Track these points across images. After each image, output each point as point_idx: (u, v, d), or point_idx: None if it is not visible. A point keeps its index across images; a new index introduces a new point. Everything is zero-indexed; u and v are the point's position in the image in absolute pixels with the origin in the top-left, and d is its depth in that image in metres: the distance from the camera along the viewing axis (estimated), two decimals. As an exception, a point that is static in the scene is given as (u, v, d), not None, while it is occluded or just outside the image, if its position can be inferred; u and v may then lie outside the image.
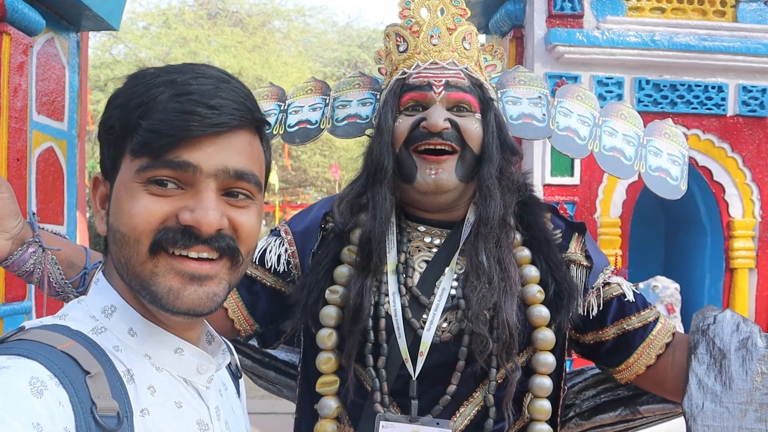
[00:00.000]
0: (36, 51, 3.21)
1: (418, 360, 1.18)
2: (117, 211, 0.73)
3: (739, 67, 3.10)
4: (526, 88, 1.45)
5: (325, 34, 16.81)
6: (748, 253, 3.13)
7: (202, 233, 0.71)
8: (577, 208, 3.05)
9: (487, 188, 1.23)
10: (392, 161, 1.24)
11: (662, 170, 1.45)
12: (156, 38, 14.38)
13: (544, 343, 1.23)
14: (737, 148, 3.14)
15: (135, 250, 0.71)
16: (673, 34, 3.05)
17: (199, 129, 0.70)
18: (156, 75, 0.74)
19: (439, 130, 1.20)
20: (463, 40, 1.29)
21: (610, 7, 3.08)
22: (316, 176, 15.96)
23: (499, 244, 1.22)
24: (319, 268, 1.26)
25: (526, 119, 1.43)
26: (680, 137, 1.51)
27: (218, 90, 0.72)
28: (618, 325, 1.29)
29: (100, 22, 3.58)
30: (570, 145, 1.44)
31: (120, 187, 0.73)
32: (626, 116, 1.48)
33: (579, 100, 1.47)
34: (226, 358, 0.85)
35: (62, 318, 0.73)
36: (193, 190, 0.72)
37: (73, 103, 3.59)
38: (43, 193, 3.31)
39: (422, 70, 1.25)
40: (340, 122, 1.46)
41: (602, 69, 3.05)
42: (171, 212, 0.71)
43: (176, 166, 0.70)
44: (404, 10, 1.32)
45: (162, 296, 0.71)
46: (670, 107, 3.10)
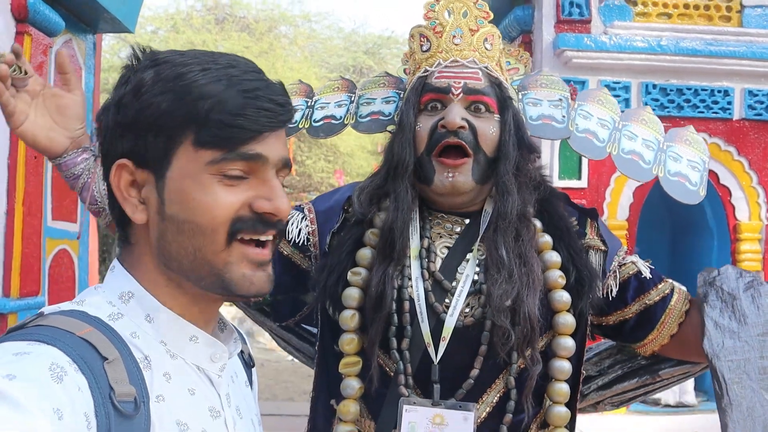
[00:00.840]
0: (54, 51, 3.27)
1: (440, 345, 1.20)
2: (185, 202, 0.74)
3: (745, 72, 3.14)
4: (547, 90, 1.48)
5: (331, 39, 16.89)
6: (754, 256, 3.16)
7: (280, 219, 0.77)
8: (584, 210, 3.09)
9: (504, 184, 1.26)
10: (413, 159, 1.28)
11: (681, 175, 1.46)
12: (164, 42, 14.48)
13: (564, 328, 1.26)
14: (743, 151, 3.18)
15: (210, 239, 0.74)
16: (679, 39, 3.09)
17: (273, 125, 0.76)
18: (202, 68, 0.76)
19: (455, 127, 1.24)
20: (485, 41, 1.33)
21: (617, 12, 3.13)
22: (321, 182, 15.99)
23: (519, 237, 1.25)
24: (341, 249, 1.29)
25: (545, 120, 1.45)
26: (701, 144, 1.53)
27: (275, 87, 0.78)
28: (639, 301, 1.33)
29: (117, 25, 3.64)
30: (588, 147, 1.46)
31: (183, 178, 0.74)
32: (647, 121, 1.50)
33: (600, 104, 1.50)
34: (237, 346, 0.86)
35: (80, 304, 0.74)
36: (258, 180, 0.76)
37: (88, 103, 3.65)
38: (58, 191, 3.36)
39: (443, 68, 1.30)
40: (364, 118, 1.50)
41: (610, 73, 3.09)
42: (245, 201, 0.75)
43: (249, 158, 0.74)
44: (429, 12, 1.36)
45: (236, 283, 0.76)
46: (676, 111, 3.14)
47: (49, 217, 3.28)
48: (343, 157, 15.01)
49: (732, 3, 3.22)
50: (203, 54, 0.79)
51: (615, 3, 3.14)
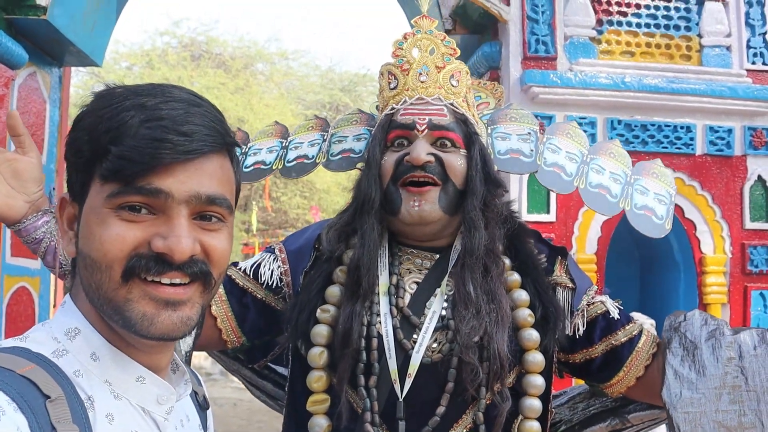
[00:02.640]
0: (17, 84, 3.22)
1: (406, 381, 1.19)
2: (87, 236, 0.72)
3: (706, 108, 3.22)
4: (516, 124, 1.49)
5: (308, 77, 17.07)
6: (720, 289, 3.19)
7: (175, 260, 0.71)
8: (553, 243, 3.10)
9: (471, 220, 1.26)
10: (380, 193, 1.28)
11: (648, 209, 1.47)
12: (139, 78, 14.48)
13: (534, 366, 1.25)
14: (706, 186, 3.24)
15: (107, 276, 0.71)
16: (642, 77, 3.17)
17: (171, 156, 0.70)
18: (125, 97, 0.73)
19: (421, 163, 1.25)
20: (451, 78, 1.34)
21: (582, 50, 3.20)
22: (297, 218, 15.95)
23: (487, 274, 1.24)
24: (311, 287, 1.28)
25: (513, 154, 1.46)
26: (668, 177, 1.54)
27: (189, 115, 0.72)
28: (606, 341, 1.33)
29: (84, 58, 3.62)
30: (556, 181, 1.47)
31: (89, 211, 0.73)
32: (615, 155, 1.51)
33: (569, 137, 1.51)
34: (187, 388, 0.84)
35: (23, 340, 0.72)
36: (165, 216, 0.72)
37: (53, 137, 3.59)
38: (18, 226, 3.28)
39: (409, 106, 1.31)
40: (335, 156, 1.51)
41: (576, 109, 3.14)
42: (143, 239, 0.71)
43: (148, 193, 0.70)
44: (397, 50, 1.38)
45: (136, 322, 0.71)
46: (641, 146, 3.20)
47: (8, 253, 3.18)
48: (319, 194, 15.02)
49: (691, 42, 3.32)
50: (155, 86, 0.76)
51: (580, 41, 3.21)
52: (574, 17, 3.19)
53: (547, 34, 3.14)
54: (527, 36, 3.12)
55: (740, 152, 3.29)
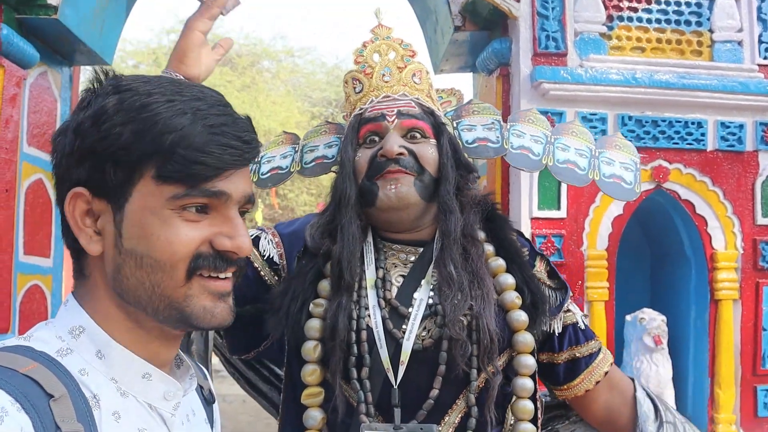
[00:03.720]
0: (29, 83, 3.24)
1: (400, 368, 1.22)
2: (144, 237, 0.73)
3: (717, 104, 3.19)
4: (479, 116, 1.56)
5: (314, 74, 17.06)
6: (731, 285, 3.17)
7: (240, 258, 0.77)
8: (564, 241, 3.09)
9: (446, 204, 1.31)
10: (355, 188, 1.32)
11: (616, 176, 1.57)
12: (146, 77, 14.49)
13: (524, 346, 1.29)
14: (718, 181, 3.22)
15: (170, 275, 0.73)
16: (653, 72, 3.15)
17: (240, 163, 0.76)
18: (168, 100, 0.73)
19: (394, 155, 1.29)
20: (413, 76, 1.40)
21: (592, 46, 3.18)
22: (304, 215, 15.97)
23: (467, 255, 1.28)
24: (305, 279, 1.31)
25: (481, 142, 1.53)
26: (630, 147, 1.64)
27: (242, 123, 0.78)
28: (570, 351, 1.40)
29: (94, 57, 3.63)
30: (525, 161, 1.56)
31: (144, 211, 0.73)
32: (577, 133, 1.61)
33: (530, 122, 1.59)
34: (193, 383, 0.85)
35: (27, 339, 0.72)
36: (221, 216, 0.75)
37: (63, 135, 3.61)
38: (31, 224, 3.29)
39: (376, 104, 1.35)
40: (309, 164, 1.57)
41: (586, 105, 3.13)
42: (205, 238, 0.74)
43: (212, 195, 0.74)
44: (358, 57, 1.44)
45: (198, 316, 0.75)
46: (652, 142, 3.18)
47: (21, 251, 3.20)
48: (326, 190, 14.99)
49: (702, 38, 3.30)
50: (169, 83, 0.77)
51: (590, 37, 3.19)
52: (585, 13, 3.18)
53: (557, 30, 3.12)
54: (537, 32, 3.11)
55: (752, 148, 3.26)
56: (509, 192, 3.16)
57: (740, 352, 3.18)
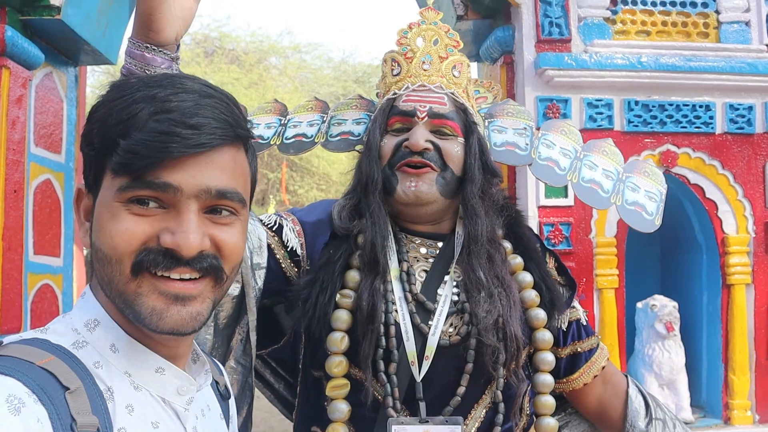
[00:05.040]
0: (35, 84, 3.27)
1: (424, 363, 1.22)
2: (99, 230, 0.72)
3: (725, 86, 3.15)
4: (513, 119, 1.54)
5: (321, 70, 17.07)
6: (743, 269, 3.13)
7: (183, 256, 0.70)
8: (572, 229, 3.07)
9: (472, 207, 1.30)
10: (380, 174, 1.31)
11: (638, 204, 1.54)
12: (154, 77, 14.57)
13: (544, 343, 1.31)
14: (727, 165, 3.17)
15: (117, 269, 0.71)
16: (659, 56, 3.11)
17: (179, 150, 0.69)
18: (136, 88, 0.72)
19: (419, 149, 1.28)
20: (453, 68, 1.38)
21: (596, 31, 3.15)
22: (315, 206, 16.00)
23: (492, 260, 1.28)
24: (333, 269, 1.28)
25: (509, 147, 1.52)
26: (659, 176, 1.60)
27: (199, 107, 0.71)
28: (573, 346, 1.43)
29: (98, 57, 3.65)
30: (550, 174, 1.53)
31: (101, 205, 0.72)
32: (608, 152, 1.58)
33: (563, 134, 1.57)
34: (208, 378, 0.84)
35: (43, 332, 0.72)
36: (175, 211, 0.71)
37: (70, 135, 3.63)
38: (40, 225, 3.32)
39: (411, 92, 1.34)
40: (334, 137, 1.54)
41: (591, 91, 3.10)
42: (152, 233, 0.70)
43: (156, 187, 0.70)
44: (401, 38, 1.41)
45: (146, 316, 0.71)
46: (659, 127, 3.14)
47: (31, 251, 3.23)
48: (335, 185, 15.05)
49: (709, 19, 3.25)
50: (165, 79, 0.74)
51: (594, 22, 3.16)
52: (588, -3, 3.14)
53: (561, 16, 3.09)
54: (540, 19, 3.08)
55: (762, 129, 3.21)
56: (516, 180, 3.14)
57: (754, 337, 3.14)
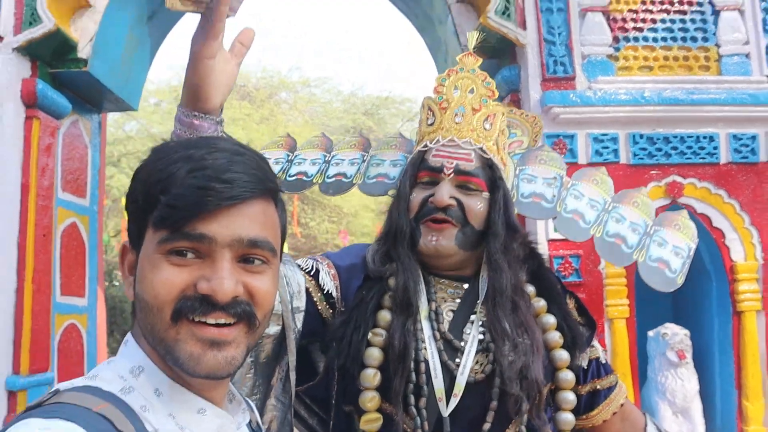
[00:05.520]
0: (62, 132, 3.41)
1: (452, 400, 1.27)
2: (142, 280, 0.77)
3: (728, 117, 3.23)
4: (544, 167, 1.54)
5: (331, 103, 17.28)
6: (753, 296, 3.18)
7: (218, 301, 0.75)
8: (581, 261, 3.14)
9: (496, 261, 1.34)
10: (409, 225, 1.37)
11: (662, 261, 1.49)
12: (168, 114, 14.83)
13: (566, 383, 1.35)
14: (733, 193, 3.24)
15: (158, 317, 0.75)
16: (661, 90, 3.21)
17: (214, 203, 0.75)
18: (175, 150, 0.79)
19: (443, 205, 1.34)
20: (485, 121, 1.41)
21: (600, 68, 3.25)
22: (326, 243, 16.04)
23: (516, 307, 1.32)
24: (366, 308, 1.33)
25: (536, 198, 1.52)
26: (691, 230, 1.54)
27: (231, 164, 0.77)
28: (592, 383, 1.44)
29: (121, 104, 3.81)
30: (572, 228, 1.50)
31: (144, 257, 0.78)
32: (639, 204, 1.54)
33: (595, 183, 1.55)
34: (246, 417, 0.88)
35: (92, 379, 0.76)
36: (210, 260, 0.76)
37: (94, 179, 3.78)
38: (66, 266, 3.44)
39: (440, 147, 1.39)
40: (371, 179, 1.60)
41: (597, 126, 3.19)
42: (190, 281, 0.75)
43: (193, 238, 0.75)
44: (438, 86, 1.45)
45: (184, 361, 0.75)
46: (665, 159, 3.23)
47: (58, 292, 3.34)
48: (347, 218, 15.13)
49: (709, 53, 3.36)
50: (200, 141, 0.82)
51: (597, 59, 3.27)
52: (590, 36, 3.26)
53: (565, 55, 3.20)
54: (545, 58, 3.20)
55: (765, 158, 3.28)
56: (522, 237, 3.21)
57: (766, 362, 3.17)
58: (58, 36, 3.14)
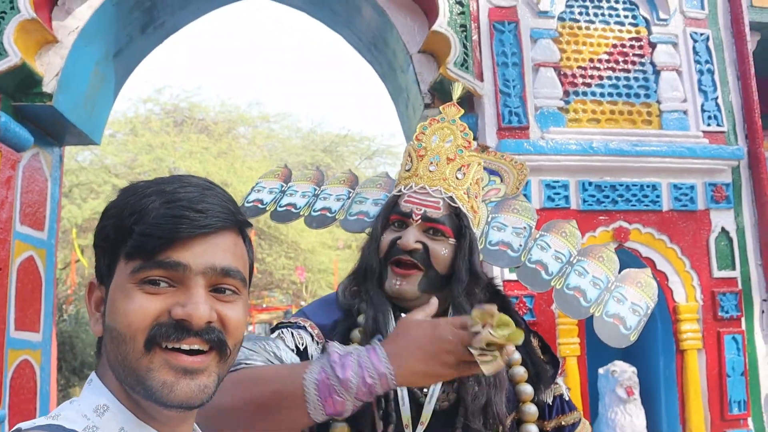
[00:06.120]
0: (22, 165, 3.39)
1: (418, 428, 1.33)
2: (113, 311, 0.77)
3: (669, 168, 3.46)
4: (516, 216, 1.59)
5: (290, 139, 17.37)
6: (694, 335, 3.36)
7: (193, 326, 0.75)
8: (535, 301, 3.27)
9: (460, 305, 1.41)
10: (378, 264, 1.45)
11: (618, 317, 1.53)
12: (122, 145, 14.64)
13: (529, 416, 1.42)
14: (675, 239, 3.45)
15: (131, 346, 0.75)
16: (608, 141, 3.42)
17: (188, 230, 0.76)
18: (147, 186, 0.80)
19: (408, 249, 1.41)
20: (458, 171, 1.46)
21: (552, 119, 3.46)
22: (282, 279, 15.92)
23: None
24: None
25: (502, 246, 1.57)
26: (652, 288, 1.59)
27: (204, 196, 0.79)
28: (557, 419, 1.49)
29: (84, 138, 3.80)
30: (535, 279, 1.55)
31: (115, 288, 0.78)
32: (604, 259, 1.57)
33: (563, 237, 1.60)
34: None
35: (55, 418, 0.75)
36: (184, 287, 0.76)
37: (53, 213, 3.74)
38: (21, 300, 3.37)
39: (412, 193, 1.46)
40: (352, 216, 1.66)
41: (549, 174, 3.37)
42: (164, 309, 0.75)
43: (167, 266, 0.76)
44: (420, 133, 1.51)
45: (156, 390, 0.74)
46: (612, 205, 3.43)
47: (12, 327, 3.27)
48: (304, 254, 15.08)
49: (651, 108, 3.61)
50: (172, 177, 0.84)
51: (549, 111, 3.47)
52: (543, 89, 3.47)
53: (519, 106, 3.40)
54: (501, 108, 3.38)
55: (703, 206, 3.53)
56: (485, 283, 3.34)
57: (708, 399, 3.35)
58: (24, 70, 3.15)
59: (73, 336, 7.88)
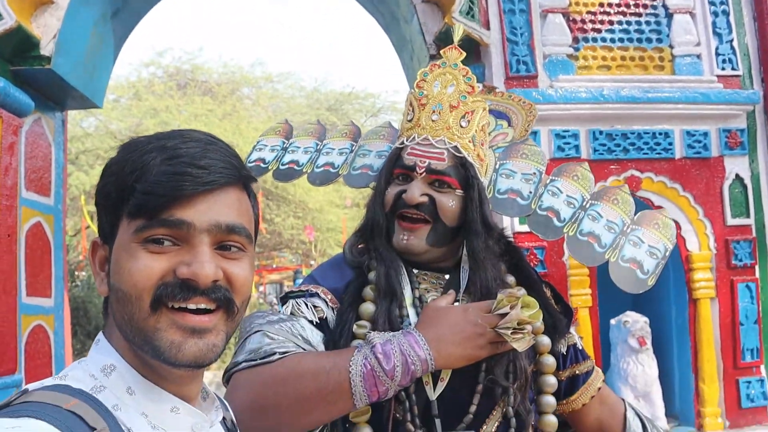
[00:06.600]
0: (25, 131, 3.36)
1: (438, 384, 1.29)
2: (117, 271, 0.76)
3: (682, 114, 3.38)
4: (525, 162, 1.52)
5: (294, 99, 17.22)
6: (707, 284, 3.34)
7: (200, 285, 0.74)
8: (546, 252, 3.25)
9: (479, 259, 1.36)
10: (385, 219, 1.40)
11: (635, 261, 1.45)
12: (126, 110, 14.58)
13: (547, 367, 1.39)
14: (688, 187, 3.40)
15: (137, 306, 0.74)
16: (619, 89, 3.33)
17: (191, 188, 0.74)
18: (147, 142, 0.78)
19: (414, 203, 1.36)
20: (462, 118, 1.39)
21: (560, 67, 3.36)
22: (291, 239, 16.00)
23: None
24: (344, 305, 1.34)
25: (512, 194, 1.50)
26: (670, 229, 1.49)
27: (206, 151, 0.77)
28: (571, 369, 1.47)
29: (85, 101, 3.76)
30: (547, 226, 1.48)
31: (119, 248, 0.76)
32: (619, 201, 1.50)
33: (575, 180, 1.52)
34: (219, 414, 0.88)
35: (62, 378, 0.75)
36: (189, 246, 0.75)
37: (59, 178, 3.72)
38: (31, 267, 3.39)
39: (415, 145, 1.40)
40: (356, 170, 1.61)
41: (558, 123, 3.30)
42: (169, 268, 0.74)
43: (171, 225, 0.74)
44: (420, 81, 1.43)
45: (165, 350, 0.74)
46: (623, 154, 3.36)
47: (24, 293, 3.29)
48: (312, 213, 15.11)
49: (663, 53, 3.50)
50: (172, 132, 0.81)
51: (558, 59, 3.38)
52: (551, 37, 3.36)
53: (527, 55, 3.30)
54: (508, 57, 3.29)
55: (717, 153, 3.45)
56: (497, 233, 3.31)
57: (720, 347, 3.34)
58: (20, 33, 3.09)
59: (86, 301, 7.98)
